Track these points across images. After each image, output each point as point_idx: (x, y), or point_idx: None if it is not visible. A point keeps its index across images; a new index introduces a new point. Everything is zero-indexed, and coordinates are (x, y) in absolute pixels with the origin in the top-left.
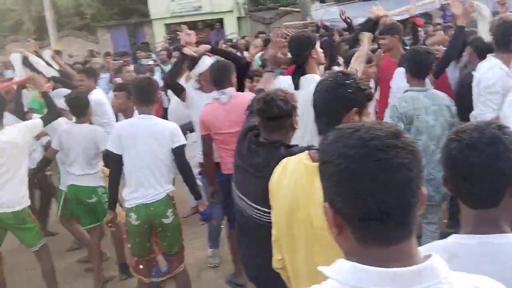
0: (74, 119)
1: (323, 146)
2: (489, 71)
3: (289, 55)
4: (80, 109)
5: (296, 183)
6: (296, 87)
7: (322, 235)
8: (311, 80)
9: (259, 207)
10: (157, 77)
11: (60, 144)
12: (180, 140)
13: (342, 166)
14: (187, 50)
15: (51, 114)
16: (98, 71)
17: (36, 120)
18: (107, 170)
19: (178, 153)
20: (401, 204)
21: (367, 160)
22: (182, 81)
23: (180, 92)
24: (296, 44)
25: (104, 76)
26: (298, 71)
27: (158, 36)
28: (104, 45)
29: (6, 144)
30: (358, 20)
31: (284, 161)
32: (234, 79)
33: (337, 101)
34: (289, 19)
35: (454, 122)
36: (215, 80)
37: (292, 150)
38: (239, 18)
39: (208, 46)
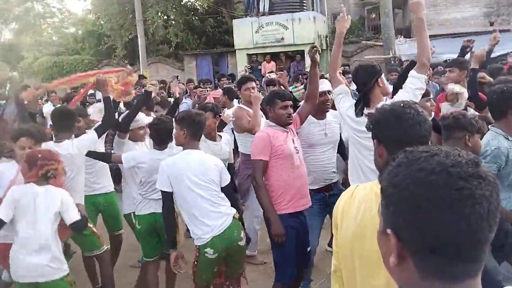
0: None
1: (390, 168)
2: None
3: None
4: (163, 136)
5: (364, 212)
6: (359, 114)
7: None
8: None
9: None
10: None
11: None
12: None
13: (417, 192)
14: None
15: (105, 122)
16: (180, 96)
17: (90, 134)
18: None
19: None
20: (476, 238)
21: (447, 188)
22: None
23: None
24: (362, 72)
25: (186, 102)
26: (363, 99)
27: (241, 65)
28: (189, 72)
29: (63, 157)
30: (444, 57)
31: (353, 187)
32: None
33: (428, 132)
34: (371, 53)
35: None
36: None
37: None
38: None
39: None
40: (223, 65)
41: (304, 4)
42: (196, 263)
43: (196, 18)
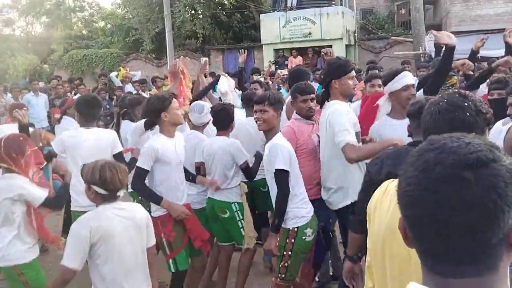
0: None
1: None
2: None
3: None
4: (223, 122)
5: (395, 208)
6: (321, 106)
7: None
8: (328, 107)
9: None
10: None
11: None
12: None
13: (402, 188)
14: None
15: None
16: None
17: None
18: (245, 187)
19: None
20: (454, 248)
21: (421, 189)
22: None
23: None
24: (325, 70)
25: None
26: (325, 94)
27: (267, 60)
28: (215, 67)
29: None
30: None
31: (387, 183)
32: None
33: (453, 125)
34: (400, 49)
35: None
36: None
37: None
38: (348, 46)
39: None
40: (249, 60)
41: None
42: (290, 253)
43: (224, 13)
